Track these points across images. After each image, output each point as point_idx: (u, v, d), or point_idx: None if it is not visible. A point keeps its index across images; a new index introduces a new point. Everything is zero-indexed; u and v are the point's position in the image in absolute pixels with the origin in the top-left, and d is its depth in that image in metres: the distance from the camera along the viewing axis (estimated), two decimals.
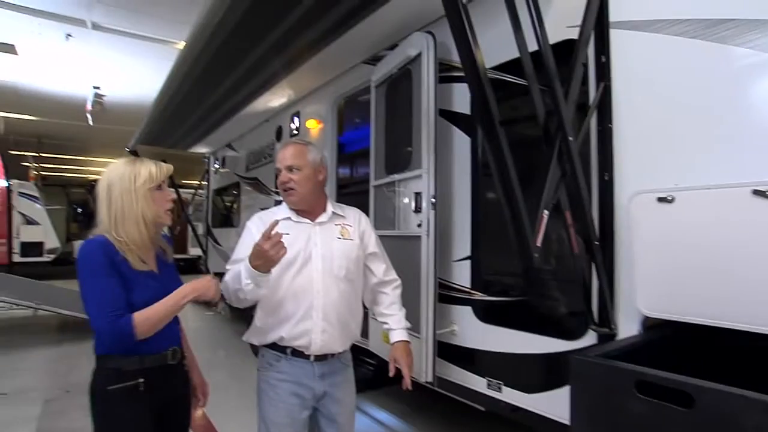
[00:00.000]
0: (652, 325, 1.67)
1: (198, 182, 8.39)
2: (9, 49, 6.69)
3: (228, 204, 6.85)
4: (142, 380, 1.43)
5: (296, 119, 4.36)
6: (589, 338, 1.85)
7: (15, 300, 5.65)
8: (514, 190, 1.37)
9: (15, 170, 12.88)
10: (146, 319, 1.37)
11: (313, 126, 4.05)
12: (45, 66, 7.40)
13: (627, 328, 1.72)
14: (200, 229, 8.42)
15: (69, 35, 6.27)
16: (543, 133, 1.63)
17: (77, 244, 13.74)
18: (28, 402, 3.77)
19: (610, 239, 1.76)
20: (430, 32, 2.46)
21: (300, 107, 4.32)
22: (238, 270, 1.58)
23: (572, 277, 1.96)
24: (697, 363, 1.39)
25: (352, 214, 1.90)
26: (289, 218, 1.77)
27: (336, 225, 1.82)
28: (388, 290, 1.90)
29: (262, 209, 5.19)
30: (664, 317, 1.57)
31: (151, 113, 4.99)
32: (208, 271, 7.24)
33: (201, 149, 6.86)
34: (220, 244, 6.75)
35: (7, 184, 7.98)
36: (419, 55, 2.47)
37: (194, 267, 13.09)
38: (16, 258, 9.77)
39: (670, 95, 1.64)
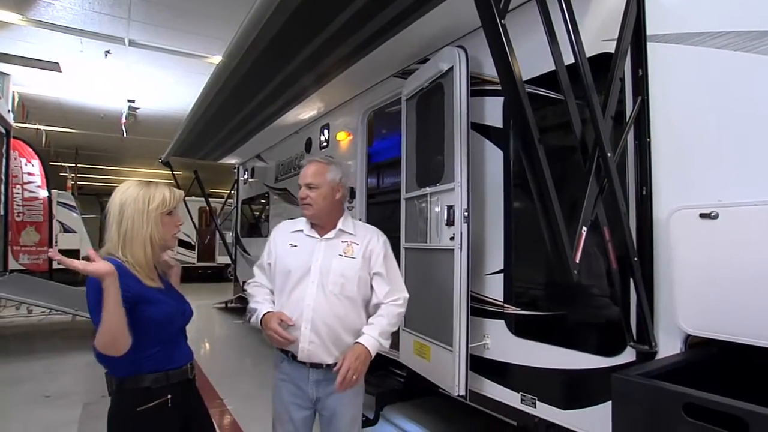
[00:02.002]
0: (694, 343, 1.64)
1: (227, 192, 8.57)
2: (54, 67, 7.04)
3: (256, 213, 6.99)
4: (170, 396, 1.46)
5: (326, 131, 4.44)
6: (628, 355, 1.82)
7: (55, 306, 5.87)
8: (552, 206, 1.37)
9: (54, 180, 13.44)
10: (102, 326, 1.31)
11: (343, 138, 4.11)
12: (85, 82, 7.75)
13: (668, 345, 1.69)
14: (229, 237, 8.61)
15: (108, 52, 6.55)
16: (580, 148, 1.62)
17: None
18: (69, 405, 3.91)
19: (649, 255, 1.73)
20: (461, 46, 2.49)
21: (329, 119, 4.39)
22: (255, 308, 1.86)
23: (609, 293, 1.94)
24: (745, 385, 1.36)
25: (366, 233, 1.92)
26: (302, 230, 1.93)
27: (342, 242, 1.89)
28: (384, 305, 1.85)
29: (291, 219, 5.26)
30: (708, 336, 1.54)
31: (185, 126, 5.16)
32: (236, 280, 7.37)
33: (231, 160, 7.03)
34: (248, 253, 6.88)
35: (48, 194, 8.32)
36: (451, 69, 2.50)
37: (222, 275, 13.42)
38: (55, 265, 10.16)
39: (711, 109, 1.62)
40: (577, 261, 1.45)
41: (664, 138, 1.74)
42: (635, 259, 1.65)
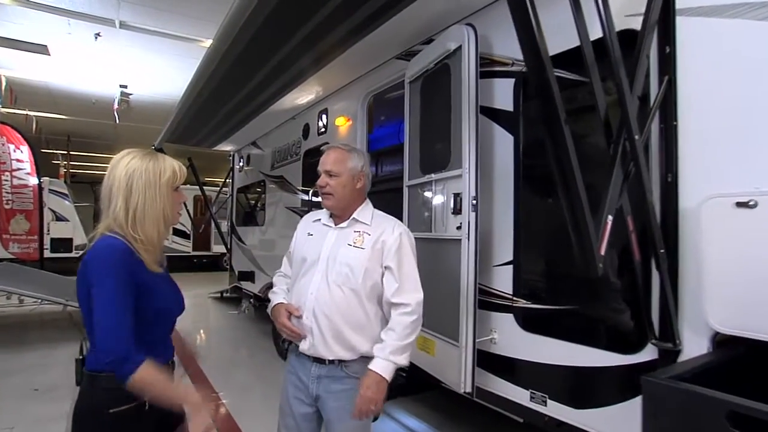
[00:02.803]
0: (722, 341, 1.53)
1: (222, 180, 8.41)
2: (42, 49, 6.81)
3: (252, 202, 6.83)
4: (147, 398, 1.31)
5: (324, 117, 4.28)
6: (648, 353, 1.71)
7: (46, 296, 5.73)
8: (578, 194, 1.25)
9: (46, 168, 13.20)
10: (149, 379, 1.21)
11: (342, 123, 3.96)
12: (75, 66, 7.53)
13: (692, 343, 1.58)
14: (224, 226, 8.46)
15: (98, 34, 6.34)
16: (604, 131, 1.49)
17: None
18: (59, 399, 3.78)
19: (674, 246, 1.61)
20: (470, 24, 2.34)
21: (328, 104, 4.24)
22: (271, 299, 1.86)
23: (629, 287, 1.83)
24: None
25: (382, 223, 1.79)
26: (320, 220, 1.87)
27: (355, 232, 1.78)
28: (394, 314, 1.71)
29: (288, 208, 5.13)
30: (740, 334, 1.42)
31: (178, 111, 4.98)
32: (232, 269, 7.24)
33: (226, 147, 6.85)
34: (244, 243, 6.74)
35: (38, 182, 8.13)
36: (459, 49, 2.35)
37: (217, 264, 13.29)
38: (47, 254, 9.99)
39: (747, 88, 1.49)
40: (603, 253, 1.33)
41: (692, 121, 1.62)
42: (661, 251, 1.53)
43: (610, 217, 1.38)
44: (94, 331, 1.22)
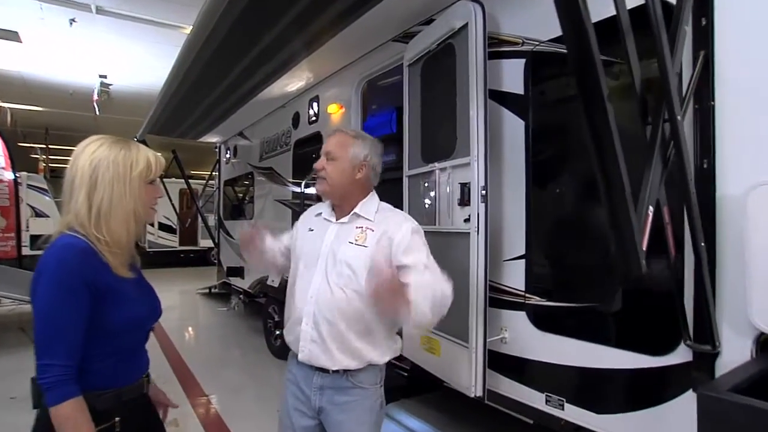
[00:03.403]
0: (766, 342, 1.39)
1: (209, 173, 8.14)
2: (13, 36, 6.45)
3: (240, 195, 6.61)
4: (118, 419, 1.17)
5: (315, 104, 4.08)
6: (681, 354, 1.57)
7: (24, 297, 5.45)
8: (621, 183, 1.08)
9: (23, 163, 12.74)
10: (65, 420, 1.05)
11: (335, 111, 3.76)
12: (50, 54, 7.17)
13: (734, 345, 1.44)
14: (211, 220, 8.22)
15: (73, 20, 6.00)
16: (640, 111, 1.33)
17: None
18: None
19: (711, 239, 1.47)
20: (477, 0, 2.16)
21: (319, 91, 4.03)
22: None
23: (659, 283, 1.68)
24: None
25: (388, 218, 1.60)
26: (321, 213, 1.71)
27: (357, 228, 1.59)
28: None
29: (277, 201, 4.93)
30: None
31: (160, 101, 4.73)
32: (220, 264, 7.02)
33: (212, 138, 6.60)
34: (232, 237, 6.52)
35: (14, 177, 7.76)
36: (465, 27, 2.17)
37: (205, 259, 13.01)
38: (26, 251, 9.63)
39: None
40: (644, 248, 1.18)
41: (731, 101, 1.46)
42: (702, 244, 1.38)
43: (651, 209, 1.22)
44: None
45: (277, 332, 4.89)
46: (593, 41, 1.03)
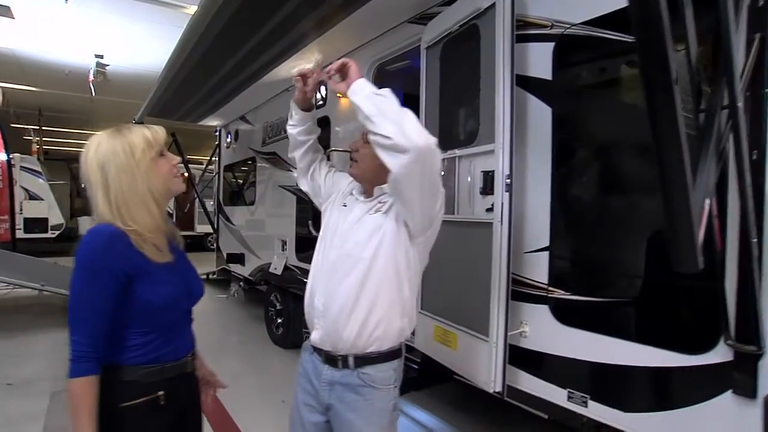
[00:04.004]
0: None
1: (207, 158, 7.99)
2: (4, 11, 6.22)
3: (241, 180, 6.48)
4: (162, 393, 1.23)
5: (323, 88, 3.95)
6: (719, 353, 1.51)
7: (19, 281, 5.34)
8: (684, 174, 1.00)
9: (17, 144, 12.50)
10: (74, 394, 1.12)
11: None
12: (44, 32, 6.93)
13: None
14: (210, 206, 8.09)
15: None
16: (694, 96, 1.24)
17: (82, 220, 13.47)
18: (35, 394, 3.50)
19: (759, 233, 1.39)
20: None
21: None
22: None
23: (697, 278, 1.61)
24: None
25: None
26: (352, 192, 1.64)
27: (380, 202, 1.52)
28: None
29: (281, 186, 4.82)
30: None
31: (161, 82, 4.59)
32: (219, 250, 6.92)
33: (212, 122, 6.45)
34: (232, 223, 6.41)
35: (7, 158, 7.58)
36: (492, 8, 2.06)
37: (202, 244, 12.89)
38: (20, 234, 9.49)
39: None
40: (701, 244, 1.10)
41: None
42: (754, 240, 1.31)
43: (707, 202, 1.14)
44: None
45: (279, 320, 4.83)
46: (665, 17, 0.93)
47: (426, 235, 1.47)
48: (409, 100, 3.90)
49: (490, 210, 2.08)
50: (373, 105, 1.30)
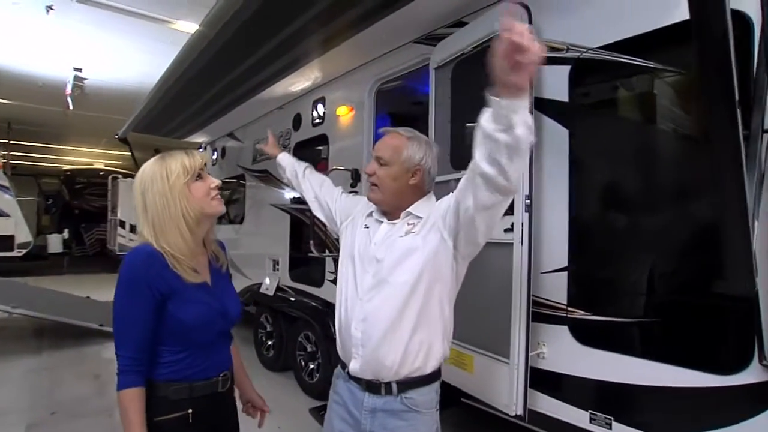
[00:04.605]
0: None
1: None
2: None
3: (228, 199, 6.34)
4: (191, 411, 1.27)
5: (320, 106, 3.92)
6: (752, 374, 1.51)
7: None
8: (744, 197, 1.01)
9: None
10: (123, 405, 1.19)
11: (344, 114, 3.62)
12: (21, 42, 6.71)
13: None
14: None
15: (50, 8, 5.62)
16: (741, 117, 1.27)
17: (51, 238, 12.90)
18: (7, 426, 3.25)
19: None
20: (522, 3, 2.08)
21: (325, 92, 3.88)
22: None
23: (728, 298, 1.63)
24: None
25: (436, 204, 1.49)
26: (372, 213, 1.60)
27: (408, 224, 1.48)
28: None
29: (273, 205, 4.73)
30: None
31: (151, 98, 4.49)
32: None
33: (198, 139, 6.32)
34: None
35: None
36: None
37: None
38: None
39: None
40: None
41: None
42: None
43: (756, 224, 1.16)
44: None
45: (269, 343, 4.69)
46: (730, 34, 0.95)
47: (473, 255, 1.45)
48: (393, 119, 3.93)
49: (509, 230, 2.08)
50: (524, 136, 1.06)
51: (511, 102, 1.00)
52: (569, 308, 2.04)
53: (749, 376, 1.52)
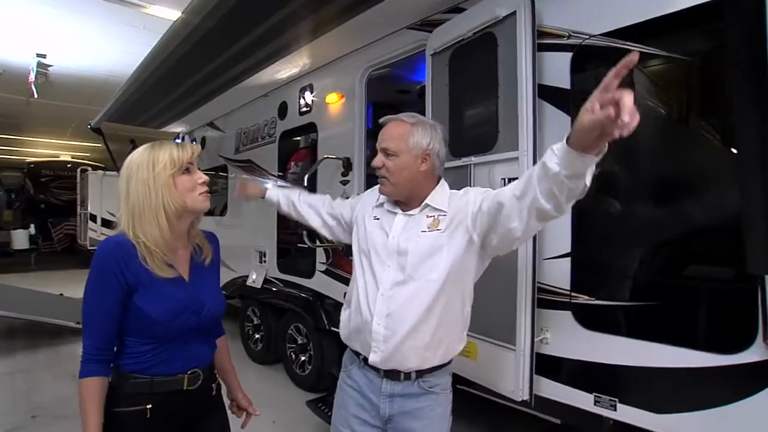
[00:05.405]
0: None
1: None
2: None
3: (209, 190, 6.17)
4: (149, 406, 1.24)
5: (307, 93, 3.84)
6: (755, 352, 1.57)
7: None
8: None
9: None
10: (82, 394, 1.18)
11: (334, 101, 3.55)
12: None
13: None
14: None
15: None
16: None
17: (16, 234, 12.33)
18: None
19: None
20: None
21: (313, 80, 3.79)
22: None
23: (731, 279, 1.68)
24: None
25: (457, 198, 1.48)
26: (383, 204, 1.58)
27: (428, 217, 1.47)
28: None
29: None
30: None
31: (128, 86, 4.30)
32: None
33: (176, 129, 6.11)
34: None
35: None
36: (511, 16, 2.08)
37: None
38: None
39: None
40: None
41: None
42: None
43: None
44: None
45: (257, 336, 4.62)
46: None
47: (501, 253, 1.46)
48: (375, 108, 3.86)
49: None
50: (588, 185, 1.10)
51: (591, 159, 1.02)
52: (573, 294, 2.07)
53: (753, 354, 1.57)
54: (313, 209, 1.87)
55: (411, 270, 1.41)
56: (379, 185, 1.55)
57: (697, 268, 1.81)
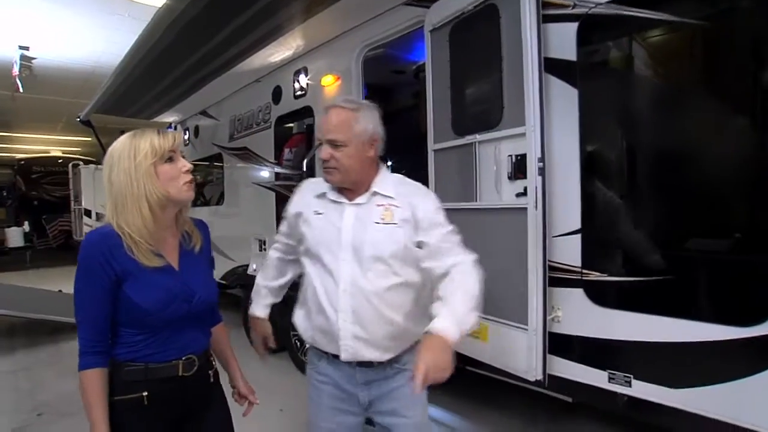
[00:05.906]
0: None
1: None
2: None
3: (204, 179, 6.08)
4: (146, 394, 1.24)
5: (302, 76, 3.74)
6: None
7: None
8: None
9: None
10: (83, 386, 1.19)
11: (330, 83, 3.46)
12: None
13: None
14: None
15: None
16: None
17: (10, 232, 12.19)
18: None
19: None
20: None
21: (308, 62, 3.70)
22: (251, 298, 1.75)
23: (747, 251, 1.64)
24: None
25: (409, 193, 1.45)
26: (325, 194, 1.49)
27: (378, 206, 1.42)
28: (452, 274, 1.36)
29: (256, 183, 4.56)
30: None
31: (115, 77, 4.19)
32: None
33: (168, 118, 6.00)
34: None
35: None
36: None
37: None
38: None
39: None
40: None
41: None
42: None
43: None
44: None
45: None
46: None
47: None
48: (369, 90, 3.78)
49: (521, 194, 2.03)
50: (474, 316, 1.31)
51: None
52: (584, 271, 2.03)
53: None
54: (281, 271, 1.71)
55: (369, 263, 1.37)
56: (325, 175, 1.45)
57: (711, 240, 1.77)
